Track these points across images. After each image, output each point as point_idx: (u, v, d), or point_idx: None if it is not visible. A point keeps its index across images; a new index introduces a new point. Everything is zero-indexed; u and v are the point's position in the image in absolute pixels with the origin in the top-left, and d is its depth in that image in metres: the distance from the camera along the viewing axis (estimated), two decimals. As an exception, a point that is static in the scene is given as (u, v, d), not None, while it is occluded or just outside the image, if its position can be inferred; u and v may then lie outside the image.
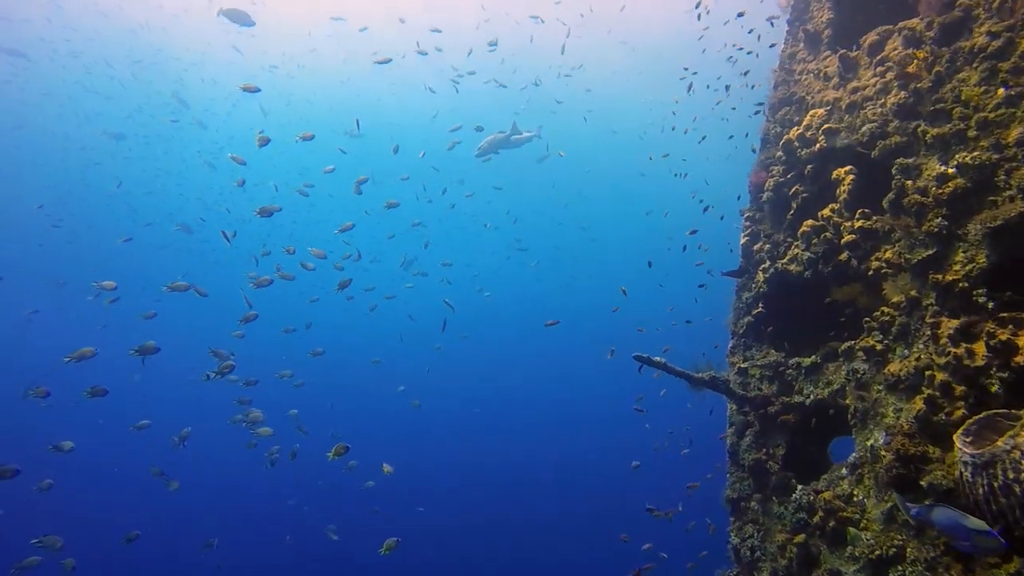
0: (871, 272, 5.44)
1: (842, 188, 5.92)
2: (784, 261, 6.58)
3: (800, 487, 5.75)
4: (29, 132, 38.12)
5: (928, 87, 5.25)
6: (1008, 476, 3.42)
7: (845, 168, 5.97)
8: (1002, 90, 4.72)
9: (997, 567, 3.73)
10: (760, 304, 6.95)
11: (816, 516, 5.28)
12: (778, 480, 6.12)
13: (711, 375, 6.74)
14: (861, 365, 5.37)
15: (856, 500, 5.04)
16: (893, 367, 4.97)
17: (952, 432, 4.18)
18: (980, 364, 4.20)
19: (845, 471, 5.27)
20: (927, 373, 4.62)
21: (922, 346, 4.80)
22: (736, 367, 7.01)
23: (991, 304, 4.38)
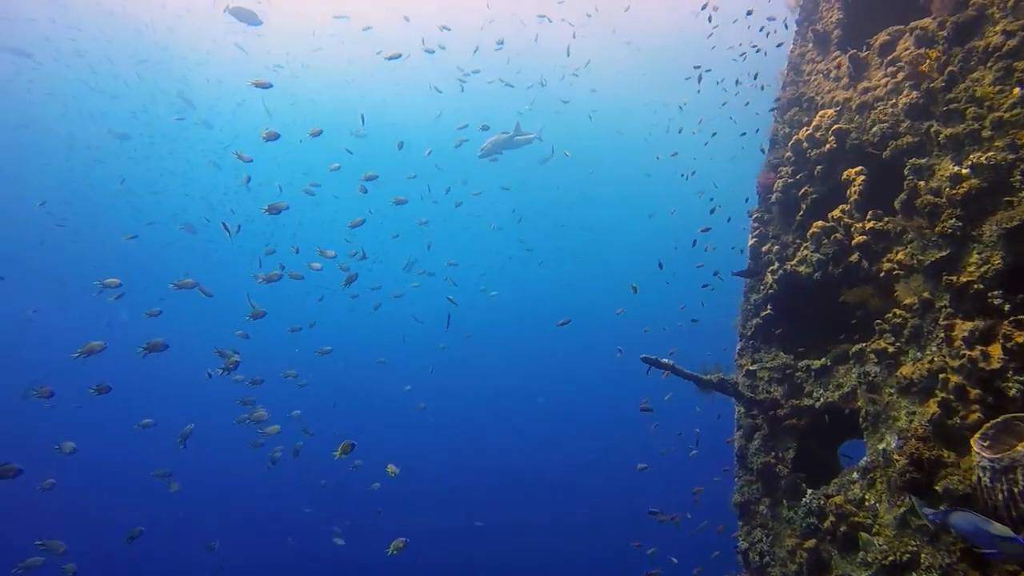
0: (883, 274, 5.37)
1: (853, 189, 5.86)
2: (793, 263, 6.52)
3: (810, 491, 5.68)
4: (33, 131, 38.09)
5: (941, 87, 5.19)
6: (1027, 482, 3.36)
7: (856, 169, 5.90)
8: (1018, 89, 4.66)
9: (1016, 574, 3.67)
10: (769, 306, 6.89)
11: (827, 521, 5.21)
12: (788, 484, 6.05)
13: (720, 377, 6.68)
14: (873, 368, 5.30)
15: (868, 505, 4.98)
16: (906, 370, 4.90)
17: (967, 436, 4.13)
18: (996, 367, 4.13)
19: (856, 475, 5.21)
20: (941, 376, 4.56)
21: (936, 349, 4.74)
22: (744, 369, 6.94)
23: (1007, 306, 4.31)
